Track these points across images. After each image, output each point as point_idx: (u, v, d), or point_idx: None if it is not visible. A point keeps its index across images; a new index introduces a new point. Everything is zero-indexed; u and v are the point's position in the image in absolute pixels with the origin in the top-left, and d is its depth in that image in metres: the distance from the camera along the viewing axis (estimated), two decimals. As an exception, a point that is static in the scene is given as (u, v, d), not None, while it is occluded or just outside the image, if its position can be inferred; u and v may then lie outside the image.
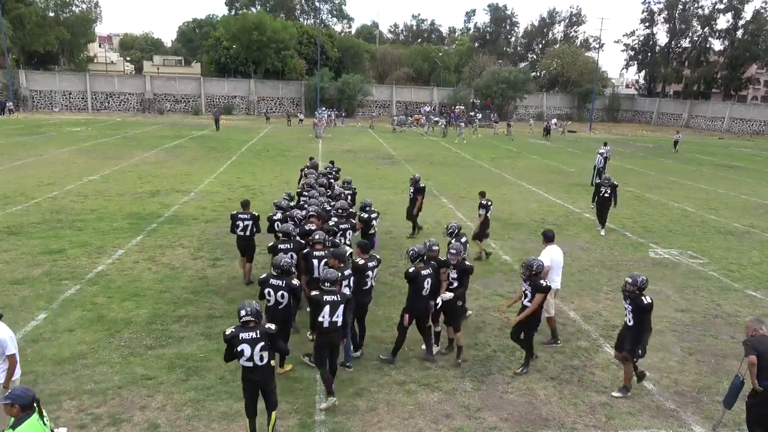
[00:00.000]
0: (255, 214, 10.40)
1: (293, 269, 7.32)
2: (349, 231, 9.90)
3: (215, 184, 20.36)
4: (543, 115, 66.13)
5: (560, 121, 57.53)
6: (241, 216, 10.26)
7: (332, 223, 9.55)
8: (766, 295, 11.04)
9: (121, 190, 18.53)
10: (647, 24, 77.58)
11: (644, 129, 62.88)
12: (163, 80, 62.44)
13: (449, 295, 7.65)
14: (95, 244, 12.56)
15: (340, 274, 6.96)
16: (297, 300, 7.30)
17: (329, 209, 10.38)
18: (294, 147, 33.08)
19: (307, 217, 9.58)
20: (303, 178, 14.46)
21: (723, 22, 73.08)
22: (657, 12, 76.32)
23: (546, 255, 8.60)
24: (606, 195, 14.83)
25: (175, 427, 6.18)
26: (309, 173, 14.41)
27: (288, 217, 9.67)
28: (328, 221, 9.63)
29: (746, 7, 69.77)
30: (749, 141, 52.81)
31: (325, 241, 8.31)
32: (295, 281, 7.12)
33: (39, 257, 11.54)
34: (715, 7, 71.15)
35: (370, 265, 7.67)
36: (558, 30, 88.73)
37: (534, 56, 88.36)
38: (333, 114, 52.77)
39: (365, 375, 7.46)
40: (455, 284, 7.76)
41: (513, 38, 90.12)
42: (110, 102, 59.01)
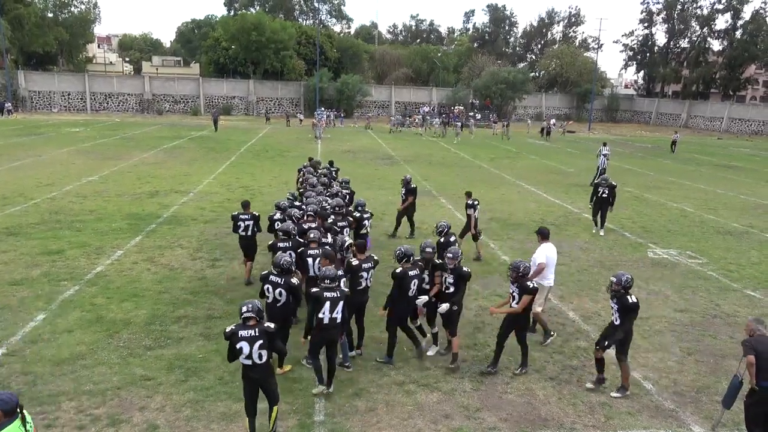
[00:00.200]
0: (255, 214, 10.51)
1: (293, 268, 7.36)
2: (347, 228, 10.04)
3: (214, 185, 20.36)
4: (542, 116, 66.11)
5: (560, 121, 57.46)
6: (242, 217, 10.38)
7: (330, 221, 9.69)
8: (765, 295, 11.05)
9: (120, 191, 18.53)
10: (646, 24, 77.65)
11: (643, 129, 62.92)
12: (162, 81, 62.43)
13: (446, 307, 7.51)
14: (94, 245, 12.56)
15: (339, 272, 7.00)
16: (296, 299, 7.32)
17: (327, 207, 10.46)
18: (293, 147, 33.08)
19: (305, 216, 9.66)
20: (302, 178, 14.49)
21: (722, 23, 73.40)
22: (656, 12, 76.41)
23: (542, 252, 8.65)
24: (604, 195, 14.82)
25: (174, 428, 6.18)
26: (307, 171, 14.44)
27: (287, 217, 9.73)
28: (327, 219, 9.77)
29: (745, 8, 69.93)
30: (748, 141, 52.88)
31: (320, 240, 8.40)
32: (294, 280, 7.15)
33: (38, 258, 11.53)
34: (714, 8, 71.25)
35: (365, 266, 7.66)
36: (557, 30, 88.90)
37: (533, 56, 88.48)
38: (332, 114, 52.79)
39: (364, 375, 7.46)
40: (452, 289, 7.57)
41: (512, 38, 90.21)
42: (109, 103, 58.97)
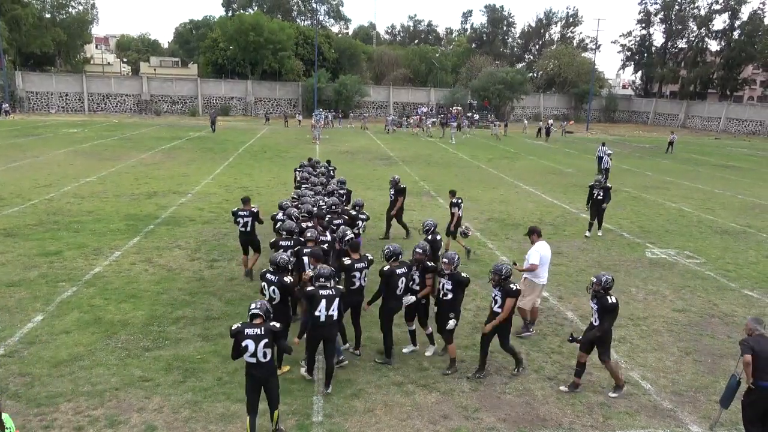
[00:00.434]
0: (254, 210, 10.61)
1: (290, 267, 7.37)
2: (344, 226, 10.02)
3: (212, 186, 20.34)
4: (540, 116, 66.10)
5: (558, 122, 57.37)
6: (241, 213, 10.52)
7: (326, 220, 9.77)
8: (762, 295, 11.07)
9: (118, 192, 18.50)
10: (644, 24, 77.79)
11: (641, 129, 63.00)
12: (160, 81, 62.40)
13: (453, 324, 7.40)
14: (92, 246, 12.53)
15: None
16: (290, 297, 7.35)
17: (323, 206, 10.51)
18: (291, 148, 33.07)
19: (301, 216, 9.73)
20: (299, 177, 14.56)
21: (719, 23, 73.52)
22: (653, 13, 76.57)
23: (535, 252, 8.69)
24: (599, 197, 14.85)
25: (173, 429, 6.17)
26: (306, 171, 14.50)
27: (287, 216, 9.77)
28: (324, 218, 9.83)
29: (743, 8, 70.32)
30: (745, 141, 52.97)
31: (317, 239, 8.44)
32: (287, 278, 7.17)
33: (35, 259, 11.51)
34: (712, 8, 71.41)
35: (358, 266, 7.65)
36: (555, 31, 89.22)
37: (531, 57, 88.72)
38: (330, 115, 52.76)
39: (363, 376, 7.46)
40: (450, 296, 7.42)
41: (510, 39, 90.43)
42: (107, 103, 58.91)
